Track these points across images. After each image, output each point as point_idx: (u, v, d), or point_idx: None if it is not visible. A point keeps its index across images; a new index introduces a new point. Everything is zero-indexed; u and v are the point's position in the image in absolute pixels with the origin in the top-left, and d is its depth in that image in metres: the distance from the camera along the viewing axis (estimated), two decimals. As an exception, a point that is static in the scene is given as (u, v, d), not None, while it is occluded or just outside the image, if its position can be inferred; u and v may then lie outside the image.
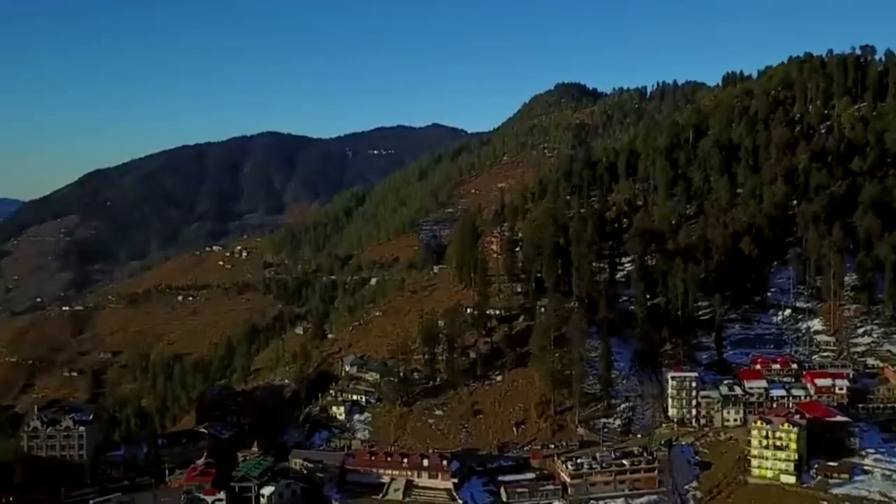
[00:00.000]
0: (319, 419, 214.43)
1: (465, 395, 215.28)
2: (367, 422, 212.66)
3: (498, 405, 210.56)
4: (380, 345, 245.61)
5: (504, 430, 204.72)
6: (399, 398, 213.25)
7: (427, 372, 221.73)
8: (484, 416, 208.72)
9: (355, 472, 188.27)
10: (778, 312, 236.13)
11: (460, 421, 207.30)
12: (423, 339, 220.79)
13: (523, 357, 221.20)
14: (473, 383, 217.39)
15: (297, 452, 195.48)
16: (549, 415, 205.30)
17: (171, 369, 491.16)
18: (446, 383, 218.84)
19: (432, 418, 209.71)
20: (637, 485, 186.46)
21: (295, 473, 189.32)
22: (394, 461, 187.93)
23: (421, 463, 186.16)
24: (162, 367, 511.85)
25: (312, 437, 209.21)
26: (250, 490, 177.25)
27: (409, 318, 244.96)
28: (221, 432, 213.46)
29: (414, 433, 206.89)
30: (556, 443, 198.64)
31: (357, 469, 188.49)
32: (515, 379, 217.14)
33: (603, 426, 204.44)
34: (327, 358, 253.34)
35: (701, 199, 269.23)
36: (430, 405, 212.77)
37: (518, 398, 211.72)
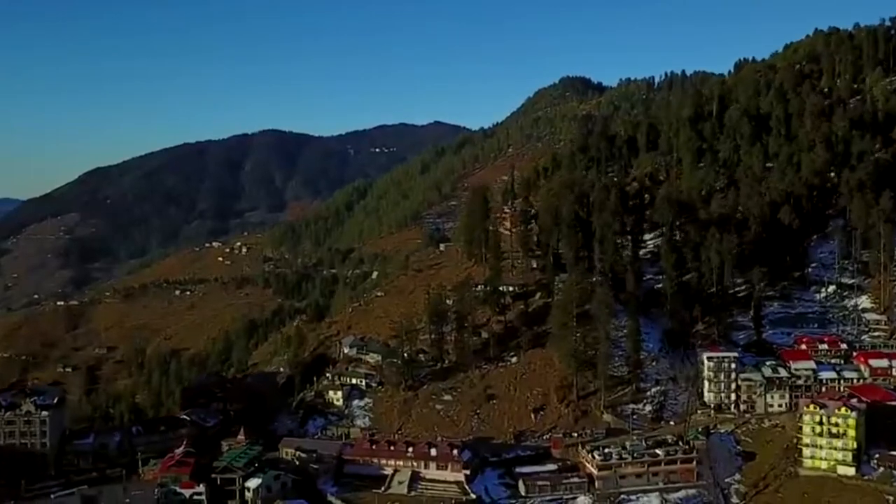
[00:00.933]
0: (314, 405, 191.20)
1: (476, 378, 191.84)
2: (368, 408, 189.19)
3: (513, 389, 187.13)
4: (382, 326, 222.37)
5: (521, 416, 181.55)
6: (403, 382, 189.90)
7: (434, 353, 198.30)
8: (498, 401, 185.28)
9: (354, 462, 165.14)
10: (821, 289, 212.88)
11: (471, 406, 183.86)
12: (430, 317, 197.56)
13: (541, 337, 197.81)
14: (486, 365, 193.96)
15: (289, 441, 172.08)
16: (571, 400, 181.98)
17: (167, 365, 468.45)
18: (455, 365, 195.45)
19: (440, 404, 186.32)
20: (673, 477, 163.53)
21: (286, 464, 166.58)
22: (397, 450, 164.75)
23: (428, 452, 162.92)
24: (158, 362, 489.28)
25: (306, 425, 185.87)
26: (234, 482, 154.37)
27: (414, 298, 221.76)
28: (205, 420, 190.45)
29: (419, 420, 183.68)
30: (580, 431, 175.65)
31: (356, 459, 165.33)
32: (532, 361, 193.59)
33: (631, 412, 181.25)
34: (325, 341, 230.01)
35: (731, 169, 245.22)
36: (438, 389, 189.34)
37: (536, 381, 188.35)
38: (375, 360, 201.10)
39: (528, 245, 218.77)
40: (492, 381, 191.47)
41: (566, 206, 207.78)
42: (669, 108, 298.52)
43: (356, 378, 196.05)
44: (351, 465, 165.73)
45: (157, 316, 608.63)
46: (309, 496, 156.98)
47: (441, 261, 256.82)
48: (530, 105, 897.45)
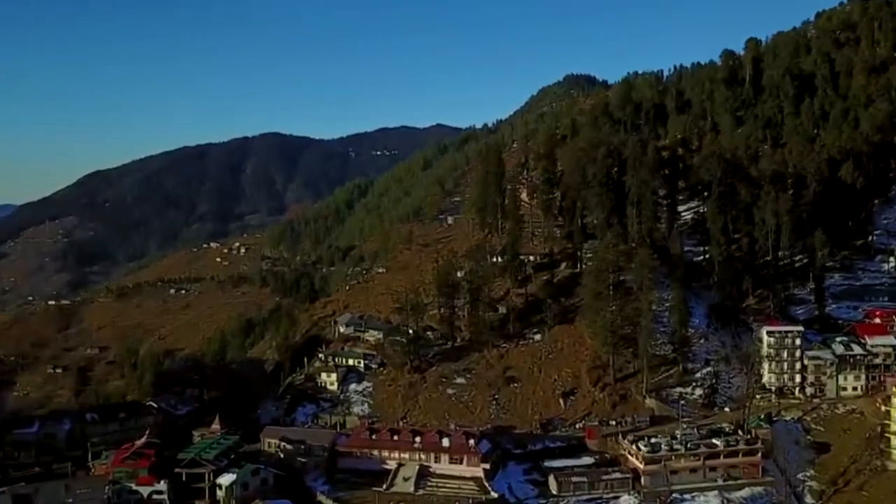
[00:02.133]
0: (304, 390, 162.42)
1: (494, 358, 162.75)
2: (367, 392, 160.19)
3: (538, 370, 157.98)
4: (384, 303, 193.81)
5: (547, 402, 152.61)
6: (408, 362, 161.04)
7: (444, 330, 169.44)
8: (520, 384, 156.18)
9: (350, 455, 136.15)
10: (888, 258, 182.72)
11: (489, 391, 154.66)
12: (440, 288, 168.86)
13: (569, 311, 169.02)
14: (505, 344, 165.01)
15: (272, 430, 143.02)
16: (607, 382, 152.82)
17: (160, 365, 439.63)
18: (469, 344, 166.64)
19: (452, 387, 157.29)
20: (733, 473, 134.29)
21: (268, 457, 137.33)
22: (402, 441, 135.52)
23: (439, 443, 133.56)
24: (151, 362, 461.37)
25: (294, 413, 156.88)
26: (203, 478, 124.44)
27: (421, 272, 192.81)
28: (176, 407, 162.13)
29: (428, 406, 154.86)
30: (619, 418, 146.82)
31: (352, 452, 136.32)
32: (559, 338, 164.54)
33: (679, 397, 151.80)
34: (319, 322, 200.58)
35: (776, 130, 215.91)
36: (450, 371, 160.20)
37: (564, 362, 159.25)
38: (376, 339, 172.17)
39: (550, 210, 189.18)
40: (512, 362, 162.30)
41: (596, 163, 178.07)
42: (699, 75, 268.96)
43: (353, 359, 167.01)
44: (346, 458, 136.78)
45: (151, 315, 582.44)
46: (295, 495, 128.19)
47: (450, 234, 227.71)
48: (535, 102, 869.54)
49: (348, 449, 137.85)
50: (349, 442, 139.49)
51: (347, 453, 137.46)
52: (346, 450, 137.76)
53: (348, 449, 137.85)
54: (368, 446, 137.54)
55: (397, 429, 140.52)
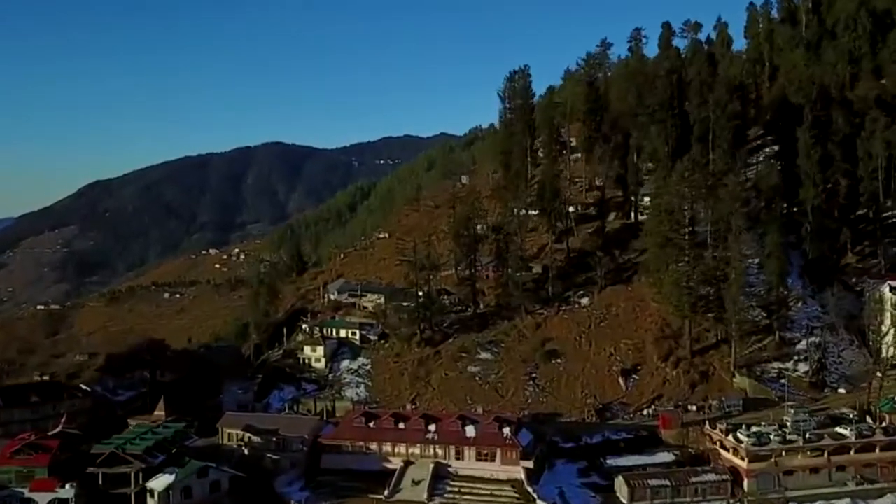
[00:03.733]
0: (281, 369, 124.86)
1: (528, 327, 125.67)
2: (364, 371, 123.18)
3: (587, 343, 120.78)
4: (386, 270, 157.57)
5: (602, 382, 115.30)
6: (418, 333, 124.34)
7: (464, 293, 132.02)
8: (564, 360, 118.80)
9: (338, 450, 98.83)
10: None
11: (523, 368, 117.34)
12: (458, 239, 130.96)
13: (623, 270, 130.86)
14: (542, 310, 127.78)
15: (234, 418, 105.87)
16: (682, 356, 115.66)
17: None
18: (496, 310, 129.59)
19: (475, 364, 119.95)
20: (868, 473, 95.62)
21: (227, 453, 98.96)
22: (411, 430, 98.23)
23: (462, 432, 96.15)
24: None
25: (269, 397, 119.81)
26: (127, 480, 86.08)
27: (431, 232, 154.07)
28: (116, 391, 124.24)
29: (443, 388, 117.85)
30: (702, 402, 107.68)
31: (341, 445, 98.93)
32: (613, 302, 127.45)
33: (778, 374, 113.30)
34: (306, 294, 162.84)
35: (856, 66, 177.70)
36: (471, 344, 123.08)
37: (622, 331, 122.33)
38: (376, 305, 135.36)
39: (593, 151, 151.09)
40: (552, 332, 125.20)
41: (657, 85, 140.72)
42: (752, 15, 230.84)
43: (347, 329, 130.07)
44: (333, 454, 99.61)
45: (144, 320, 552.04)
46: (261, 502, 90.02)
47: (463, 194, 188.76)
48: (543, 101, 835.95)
49: (336, 442, 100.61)
50: (337, 432, 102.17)
51: (335, 448, 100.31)
52: (333, 443, 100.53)
53: (336, 442, 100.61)
54: (364, 438, 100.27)
55: (404, 413, 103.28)
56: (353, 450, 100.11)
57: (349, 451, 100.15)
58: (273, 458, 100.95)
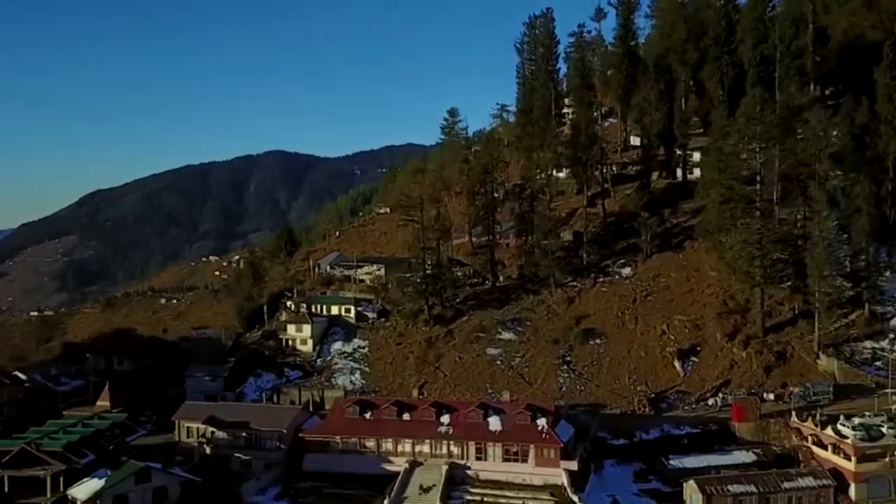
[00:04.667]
0: (259, 352, 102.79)
1: (559, 302, 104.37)
2: (360, 355, 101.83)
3: (631, 320, 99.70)
4: (386, 245, 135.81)
5: (653, 365, 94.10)
6: (426, 309, 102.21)
7: (481, 263, 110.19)
8: (605, 340, 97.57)
9: (325, 448, 77.17)
10: None
11: (554, 351, 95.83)
12: (472, 196, 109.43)
13: (671, 235, 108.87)
14: (575, 282, 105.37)
15: (192, 408, 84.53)
16: (751, 334, 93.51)
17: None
18: (520, 283, 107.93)
19: (495, 345, 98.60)
20: None
21: (186, 451, 77.26)
22: (418, 422, 77.08)
23: (484, 425, 74.46)
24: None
25: (243, 385, 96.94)
26: (42, 486, 63.88)
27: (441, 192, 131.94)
28: (59, 380, 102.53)
29: (457, 374, 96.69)
30: (781, 389, 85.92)
31: (329, 442, 77.07)
32: (662, 272, 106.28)
33: (873, 356, 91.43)
34: (295, 276, 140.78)
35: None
36: (491, 322, 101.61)
37: (675, 305, 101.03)
38: (375, 277, 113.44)
39: (629, 95, 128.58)
40: (588, 307, 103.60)
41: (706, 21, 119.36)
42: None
43: (339, 305, 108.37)
44: (319, 453, 78.08)
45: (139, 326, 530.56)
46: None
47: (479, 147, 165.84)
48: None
49: (323, 437, 79.16)
50: (324, 426, 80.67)
51: (321, 445, 78.94)
52: (318, 439, 79.07)
53: (323, 437, 79.16)
54: (358, 433, 78.75)
55: (409, 401, 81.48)
56: (343, 448, 78.81)
57: (339, 449, 78.85)
58: (242, 459, 79.78)
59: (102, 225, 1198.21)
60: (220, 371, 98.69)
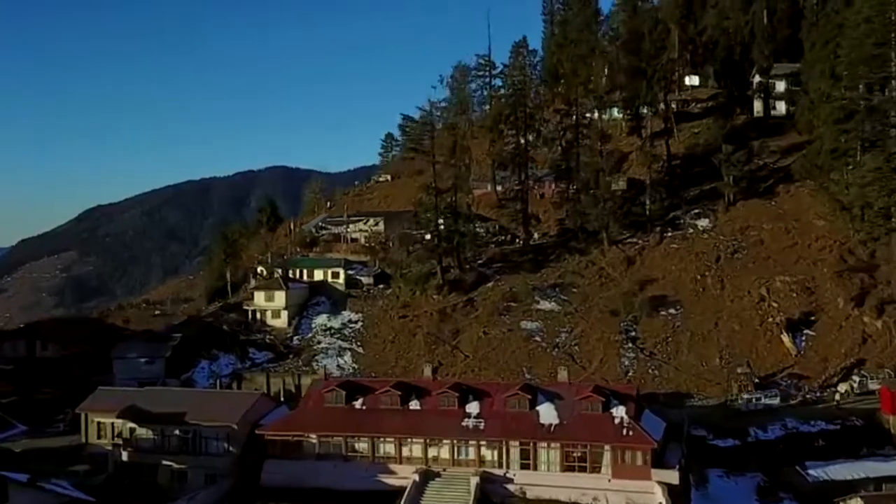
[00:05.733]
0: (216, 327, 77.54)
1: (615, 262, 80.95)
2: (350, 332, 77.34)
3: (716, 283, 75.22)
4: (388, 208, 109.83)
5: (752, 341, 70.48)
6: (439, 272, 77.19)
7: (509, 216, 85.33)
8: (681, 309, 73.31)
9: (293, 452, 50.56)
10: None
11: (613, 324, 71.32)
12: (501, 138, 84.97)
13: (758, 180, 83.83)
14: (635, 237, 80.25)
15: (107, 396, 57.14)
16: (886, 298, 67.20)
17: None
18: (560, 241, 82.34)
19: (532, 317, 74.04)
20: None
21: (96, 458, 51.64)
22: (432, 415, 50.50)
23: (533, 418, 48.07)
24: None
25: (193, 370, 71.66)
26: None
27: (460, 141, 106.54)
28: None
29: (482, 355, 72.64)
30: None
31: (300, 441, 50.82)
32: (752, 222, 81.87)
33: None
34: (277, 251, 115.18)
35: None
36: (524, 288, 77.55)
37: (773, 263, 77.44)
38: (372, 234, 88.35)
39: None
40: (654, 269, 79.26)
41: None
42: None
43: (324, 269, 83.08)
44: (285, 462, 52.36)
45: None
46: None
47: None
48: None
49: (291, 436, 54.01)
50: (293, 419, 55.39)
51: (288, 448, 53.90)
52: (284, 438, 53.70)
53: (291, 436, 54.01)
54: (343, 429, 53.48)
55: (418, 383, 56.40)
56: (321, 451, 53.61)
57: (315, 453, 53.69)
58: (173, 468, 54.52)
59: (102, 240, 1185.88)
60: (159, 350, 73.23)
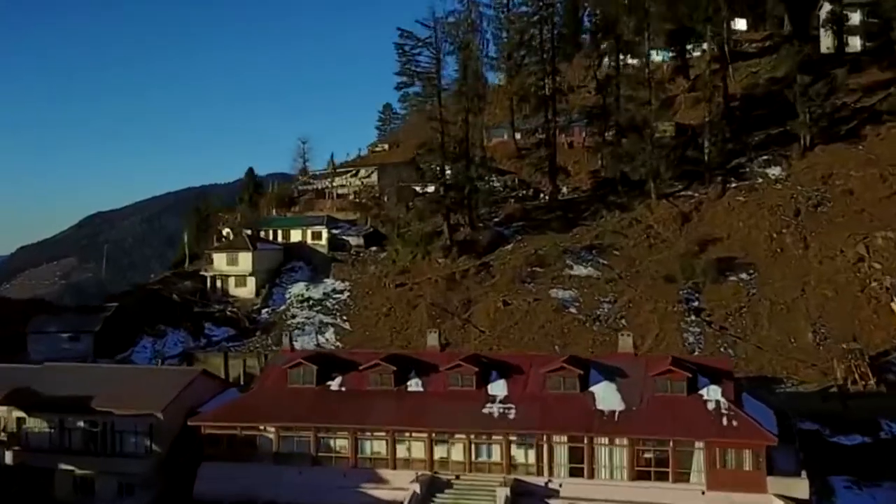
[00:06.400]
0: (164, 297, 61.31)
1: (666, 219, 63.99)
2: (336, 303, 61.57)
3: (797, 242, 60.31)
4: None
5: (854, 311, 53.73)
6: (446, 232, 60.89)
7: (530, 168, 69.23)
8: (754, 274, 57.22)
9: (240, 449, 32.91)
10: None
11: (669, 292, 56.02)
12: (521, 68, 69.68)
13: (838, 121, 67.92)
14: (689, 189, 64.15)
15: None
16: None
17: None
18: (597, 194, 66.29)
19: (564, 284, 58.22)
20: None
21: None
22: (439, 399, 33.91)
23: (587, 403, 31.30)
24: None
25: (133, 349, 55.24)
26: None
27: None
28: None
29: (501, 329, 56.53)
30: None
31: (255, 436, 33.31)
32: (836, 169, 65.90)
33: None
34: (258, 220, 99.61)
35: None
36: (553, 251, 61.28)
37: (870, 216, 61.91)
38: (363, 187, 72.73)
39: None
40: (717, 226, 63.57)
41: None
42: None
43: (303, 229, 67.09)
44: (229, 465, 35.28)
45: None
46: None
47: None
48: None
49: (237, 428, 37.22)
50: (241, 406, 38.85)
51: (234, 445, 36.94)
52: (227, 432, 37.10)
53: (237, 428, 37.22)
54: (312, 418, 37.07)
55: (419, 356, 40.13)
56: (283, 450, 37.52)
57: (271, 452, 37.51)
58: (75, 475, 38.74)
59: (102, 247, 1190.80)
60: (87, 324, 57.24)
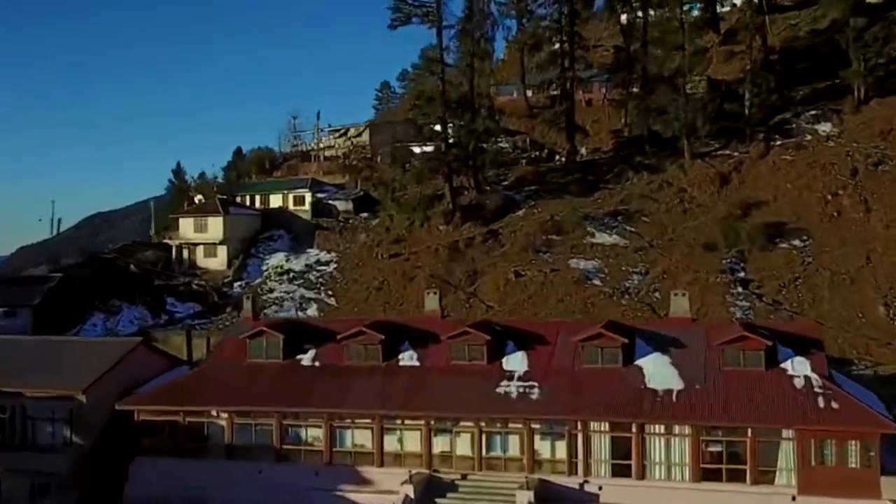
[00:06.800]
0: (121, 267, 52.63)
1: (701, 179, 55.63)
2: (322, 276, 52.66)
3: (857, 203, 53.05)
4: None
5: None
6: (448, 196, 51.94)
7: (544, 126, 60.79)
8: (808, 241, 50.82)
9: (185, 443, 24.37)
10: None
11: (709, 262, 48.26)
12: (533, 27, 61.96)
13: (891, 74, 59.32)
14: (727, 148, 55.54)
15: None
16: None
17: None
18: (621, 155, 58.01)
19: (586, 254, 48.55)
20: None
21: None
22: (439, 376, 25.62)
23: (632, 379, 22.64)
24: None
25: (82, 325, 46.64)
26: None
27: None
28: None
29: (514, 303, 48.00)
30: None
31: (203, 424, 24.65)
32: (895, 124, 54.58)
33: None
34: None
35: None
36: (572, 217, 52.56)
37: None
38: (354, 149, 64.50)
39: None
40: (761, 188, 55.24)
41: None
42: None
43: (285, 192, 58.50)
44: (168, 461, 27.74)
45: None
46: None
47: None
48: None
49: (180, 414, 28.56)
50: (182, 387, 30.23)
51: (175, 435, 28.29)
52: (166, 417, 28.55)
53: (180, 414, 28.56)
54: (274, 402, 28.39)
55: (414, 324, 31.51)
56: (236, 443, 29.03)
57: (222, 445, 29.10)
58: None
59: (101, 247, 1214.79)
60: (24, 297, 48.75)
